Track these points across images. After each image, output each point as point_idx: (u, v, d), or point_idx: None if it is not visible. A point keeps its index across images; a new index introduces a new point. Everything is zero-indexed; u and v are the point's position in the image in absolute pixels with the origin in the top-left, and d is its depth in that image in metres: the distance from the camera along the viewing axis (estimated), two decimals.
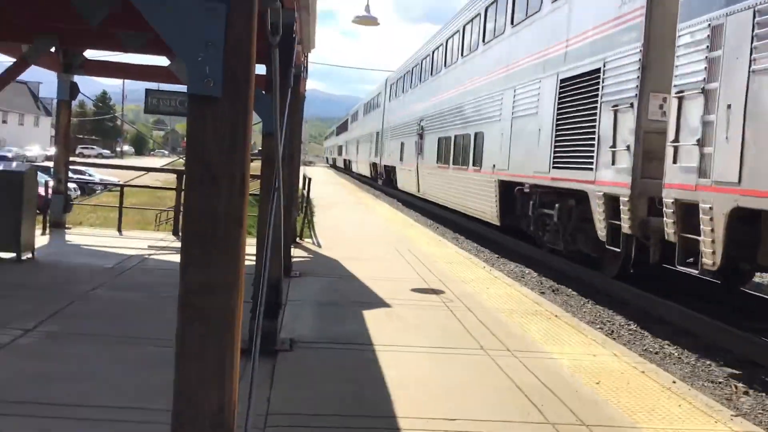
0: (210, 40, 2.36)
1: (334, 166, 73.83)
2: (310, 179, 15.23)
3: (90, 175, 30.86)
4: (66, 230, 12.21)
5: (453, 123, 20.13)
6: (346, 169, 65.07)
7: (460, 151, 19.03)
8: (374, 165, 40.23)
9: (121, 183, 16.44)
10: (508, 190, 14.70)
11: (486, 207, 16.16)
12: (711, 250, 7.24)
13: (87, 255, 9.89)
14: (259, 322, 3.68)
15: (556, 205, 12.03)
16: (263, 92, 6.32)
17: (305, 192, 15.13)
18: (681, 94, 7.97)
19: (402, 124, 29.74)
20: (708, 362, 7.17)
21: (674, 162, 8.05)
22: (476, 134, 17.34)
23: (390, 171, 33.57)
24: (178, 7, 2.32)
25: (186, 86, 2.47)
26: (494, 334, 6.68)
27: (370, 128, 42.97)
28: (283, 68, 5.47)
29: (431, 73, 24.64)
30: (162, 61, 10.63)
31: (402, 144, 29.16)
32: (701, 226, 7.41)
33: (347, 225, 16.85)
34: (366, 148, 44.66)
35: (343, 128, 69.50)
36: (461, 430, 4.23)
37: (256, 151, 22.02)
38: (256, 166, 7.51)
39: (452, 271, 10.42)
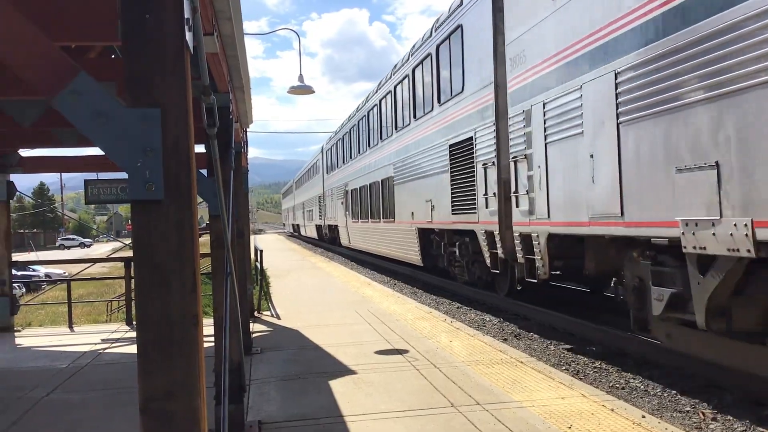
0: (148, 146, 2.35)
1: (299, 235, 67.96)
2: (261, 251, 15.13)
3: (34, 270, 30.11)
4: (15, 333, 11.79)
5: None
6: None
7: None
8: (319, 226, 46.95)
9: (67, 277, 16.03)
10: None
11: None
12: (542, 264, 10.26)
13: (39, 357, 9.55)
14: (225, 413, 3.63)
15: (456, 243, 15.05)
16: (205, 175, 6.30)
17: (258, 264, 15.02)
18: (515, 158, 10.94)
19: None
20: (673, 391, 7.28)
21: (516, 206, 11.00)
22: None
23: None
24: (112, 119, 2.32)
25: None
26: (462, 389, 6.67)
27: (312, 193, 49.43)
28: (223, 151, 5.50)
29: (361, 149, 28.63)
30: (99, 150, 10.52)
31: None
32: (534, 248, 10.46)
33: (304, 291, 16.73)
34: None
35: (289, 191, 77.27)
36: None
37: (204, 225, 21.82)
38: (205, 241, 7.40)
39: (414, 327, 10.41)
